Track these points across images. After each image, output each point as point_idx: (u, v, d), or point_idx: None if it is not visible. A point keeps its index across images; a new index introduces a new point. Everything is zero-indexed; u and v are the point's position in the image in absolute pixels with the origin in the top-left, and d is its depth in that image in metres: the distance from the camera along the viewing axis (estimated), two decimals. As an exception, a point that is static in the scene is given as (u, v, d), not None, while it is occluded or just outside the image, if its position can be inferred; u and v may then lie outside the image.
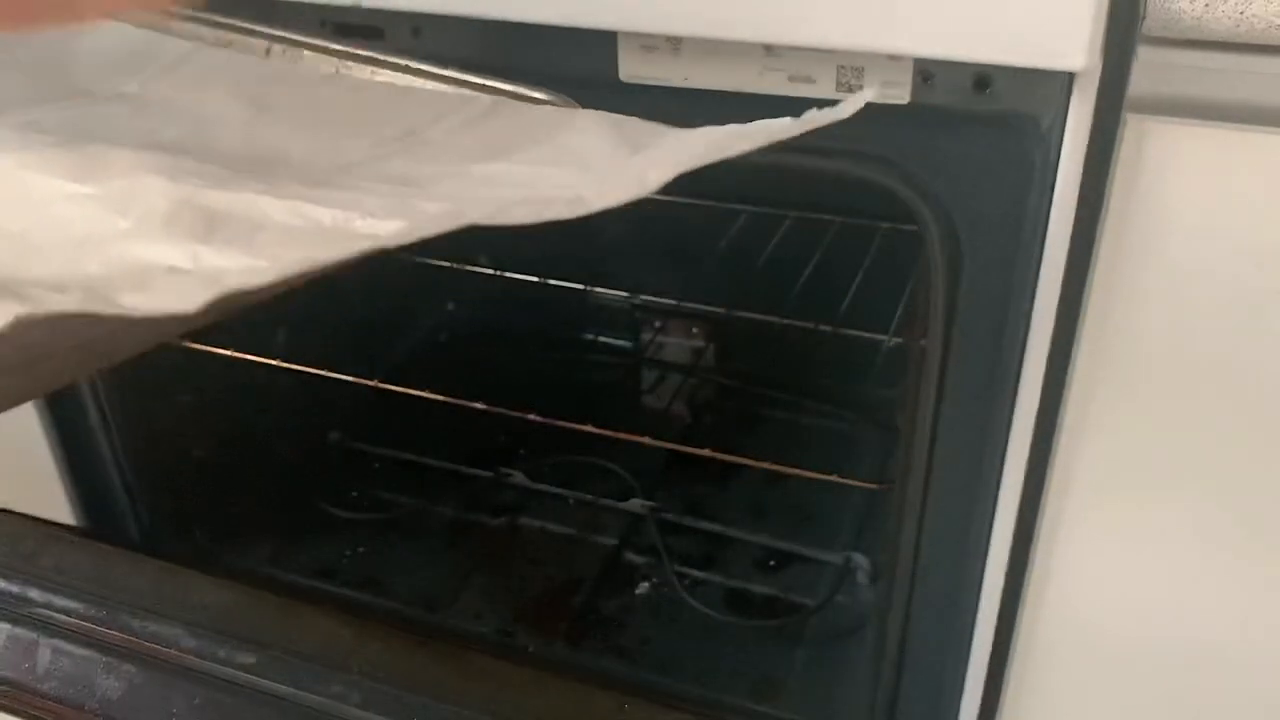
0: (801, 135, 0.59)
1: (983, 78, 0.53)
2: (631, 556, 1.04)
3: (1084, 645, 0.67)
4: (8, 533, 0.92)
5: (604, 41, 0.59)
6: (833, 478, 0.92)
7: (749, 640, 0.94)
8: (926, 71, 0.54)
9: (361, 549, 1.05)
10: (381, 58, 0.55)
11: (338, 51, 0.56)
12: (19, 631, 0.83)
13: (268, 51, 0.56)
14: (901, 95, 0.55)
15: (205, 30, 0.58)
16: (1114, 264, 0.55)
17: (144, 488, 0.99)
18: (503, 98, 0.52)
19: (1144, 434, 0.59)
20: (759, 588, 0.99)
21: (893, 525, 0.72)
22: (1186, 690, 0.66)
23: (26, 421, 0.94)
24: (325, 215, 0.39)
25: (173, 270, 0.34)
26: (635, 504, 1.06)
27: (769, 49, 0.56)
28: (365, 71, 0.56)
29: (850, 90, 0.56)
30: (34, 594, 0.85)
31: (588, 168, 0.44)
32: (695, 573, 1.01)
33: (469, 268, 1.23)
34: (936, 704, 0.75)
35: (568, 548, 1.05)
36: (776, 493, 1.08)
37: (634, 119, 0.48)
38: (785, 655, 0.93)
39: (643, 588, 1.00)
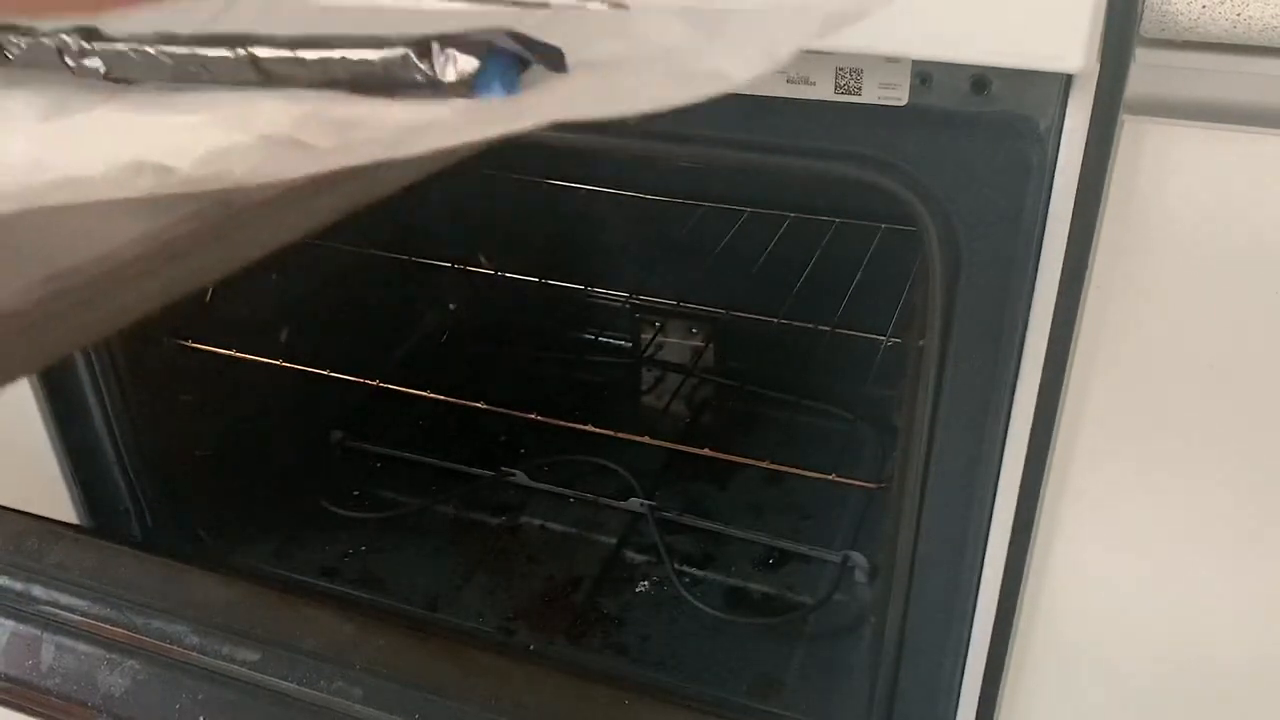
0: (800, 135, 0.59)
1: (980, 80, 0.53)
2: (631, 555, 1.04)
3: (1081, 643, 0.68)
4: (12, 531, 0.92)
5: (605, 43, 0.59)
6: (831, 477, 0.92)
7: (748, 638, 0.94)
8: (925, 73, 0.54)
9: (363, 547, 1.06)
10: None
11: None
12: (23, 628, 0.84)
13: None
14: (900, 97, 0.55)
15: None
16: (1111, 264, 0.55)
17: (147, 486, 0.99)
18: (552, 10, 0.51)
19: (1142, 434, 0.59)
20: (758, 586, 1.00)
21: (891, 524, 0.72)
22: (1183, 690, 0.67)
23: (30, 421, 0.94)
24: (448, 112, 0.37)
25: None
26: (635, 503, 1.06)
27: (769, 51, 0.56)
28: None
29: (849, 92, 0.56)
30: (38, 591, 0.85)
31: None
32: (695, 571, 1.01)
33: (469, 268, 1.23)
34: (934, 701, 0.75)
35: (568, 546, 1.05)
36: (775, 492, 1.08)
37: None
38: (784, 653, 0.93)
39: (643, 586, 1.01)
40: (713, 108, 0.61)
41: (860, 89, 0.56)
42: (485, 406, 1.04)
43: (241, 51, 0.44)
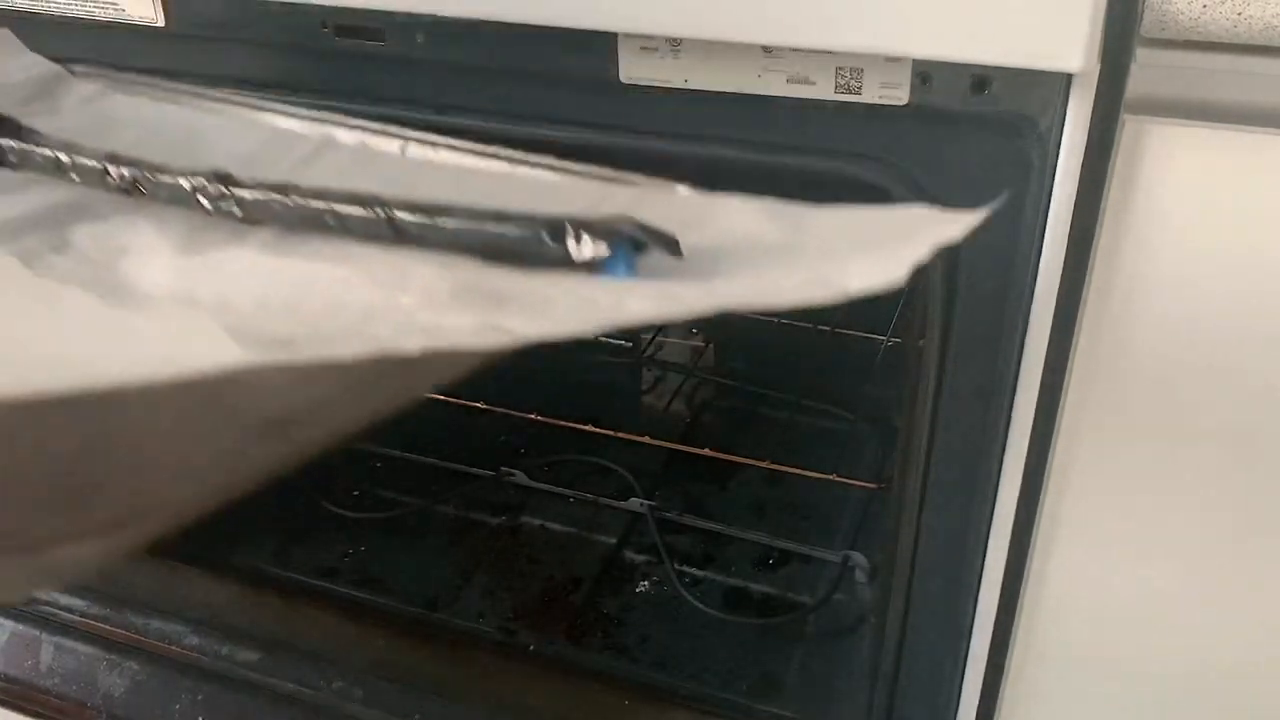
0: (800, 134, 0.59)
1: (981, 79, 0.53)
2: (631, 555, 1.04)
3: (1082, 644, 0.67)
4: (10, 531, 0.92)
5: (604, 43, 0.59)
6: (831, 477, 0.92)
7: (748, 638, 0.94)
8: (925, 73, 0.54)
9: (363, 548, 1.05)
10: (490, 150, 0.61)
11: (453, 145, 0.62)
12: (22, 629, 0.84)
13: (403, 150, 0.64)
14: (900, 96, 0.55)
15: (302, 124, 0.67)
16: (1111, 265, 0.55)
17: (146, 486, 0.99)
18: (640, 189, 0.57)
19: (1142, 434, 0.59)
20: (758, 586, 1.00)
21: (891, 524, 0.72)
22: (1183, 692, 0.67)
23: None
24: (601, 294, 0.44)
25: (485, 326, 0.42)
26: (635, 503, 1.06)
27: (768, 50, 0.56)
28: (474, 159, 0.62)
29: (849, 91, 0.56)
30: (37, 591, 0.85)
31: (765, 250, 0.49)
32: (695, 571, 1.01)
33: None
34: (935, 702, 0.75)
35: (568, 546, 1.05)
36: (775, 492, 1.08)
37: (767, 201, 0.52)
38: (784, 653, 0.93)
39: (643, 586, 1.01)
40: (713, 107, 0.61)
41: (860, 88, 0.56)
42: (485, 406, 1.04)
43: (380, 211, 0.51)
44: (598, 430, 1.01)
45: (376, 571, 1.02)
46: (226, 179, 0.55)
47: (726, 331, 1.21)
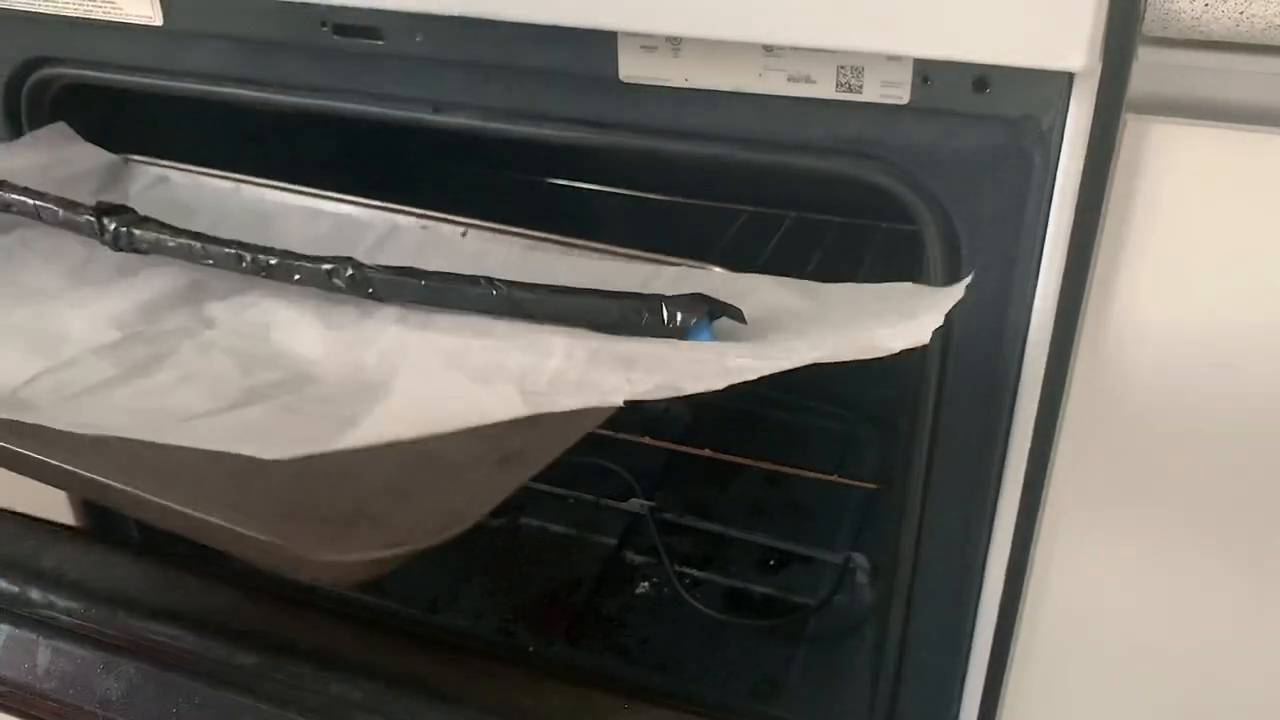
0: (801, 133, 0.59)
1: (982, 78, 0.53)
2: (631, 556, 1.04)
3: (1083, 646, 0.67)
4: (8, 532, 0.92)
5: (604, 42, 0.59)
6: (833, 478, 0.92)
7: (749, 640, 0.94)
8: (926, 72, 0.54)
9: (362, 548, 1.05)
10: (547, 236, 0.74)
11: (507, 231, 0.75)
12: (19, 632, 0.83)
13: (464, 234, 0.77)
14: (901, 95, 0.55)
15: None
16: (1113, 264, 0.55)
17: (144, 488, 0.99)
18: (681, 269, 0.69)
19: (1142, 435, 0.59)
20: (759, 587, 1.00)
21: (892, 525, 0.72)
22: (1183, 693, 0.66)
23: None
24: (705, 354, 0.56)
25: (625, 381, 0.55)
26: (635, 504, 1.06)
27: (769, 49, 0.56)
28: (528, 244, 0.75)
29: (850, 90, 0.56)
30: (34, 594, 0.85)
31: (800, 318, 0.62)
32: (695, 572, 1.01)
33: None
34: (936, 704, 0.75)
35: (568, 547, 1.05)
36: (776, 493, 1.08)
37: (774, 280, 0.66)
38: (785, 655, 0.93)
39: (643, 587, 1.01)
40: (713, 106, 0.61)
41: (861, 87, 0.56)
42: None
43: (502, 289, 0.63)
44: (597, 430, 1.00)
45: (376, 572, 1.02)
46: (357, 264, 0.66)
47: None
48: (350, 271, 0.66)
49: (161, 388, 0.61)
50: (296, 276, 0.68)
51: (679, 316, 0.57)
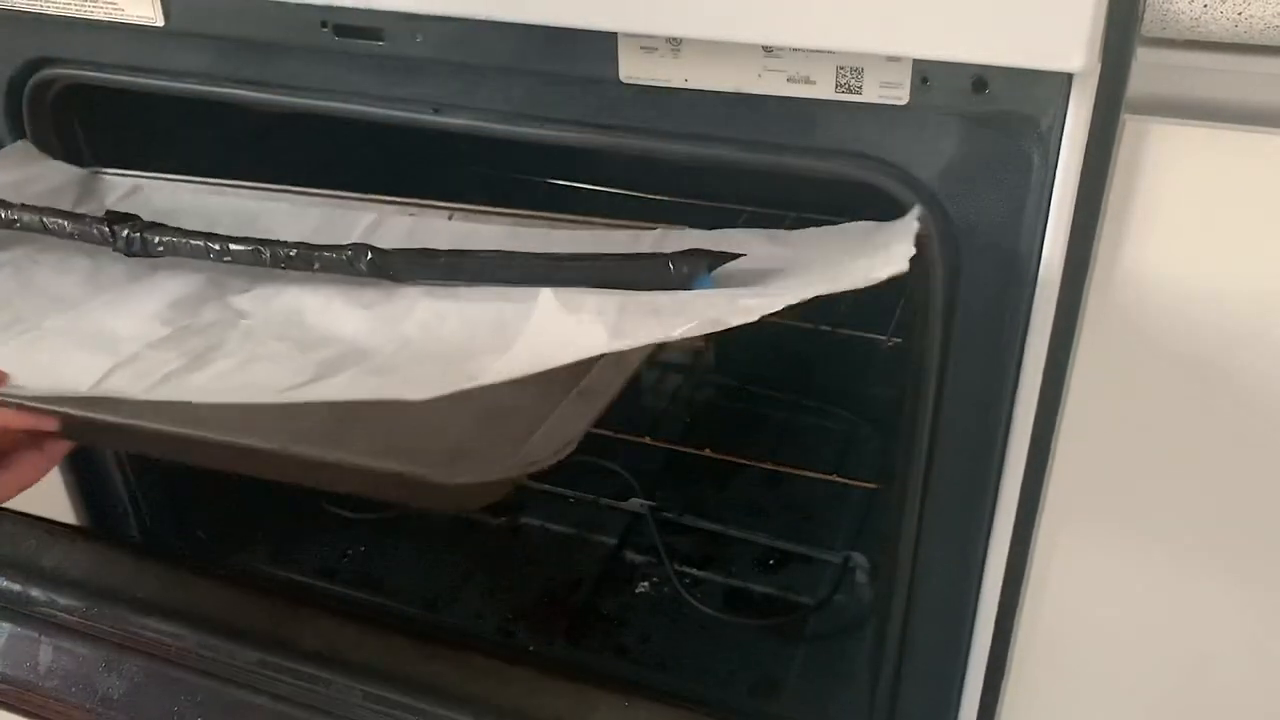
0: (801, 134, 0.59)
1: (981, 79, 0.53)
2: (631, 556, 1.04)
3: (1083, 644, 0.67)
4: (9, 531, 0.92)
5: (604, 42, 0.59)
6: (832, 477, 0.92)
7: (748, 639, 0.94)
8: (925, 73, 0.54)
9: (362, 548, 1.05)
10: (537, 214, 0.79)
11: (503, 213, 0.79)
12: (20, 630, 0.83)
13: (450, 217, 0.81)
14: (900, 96, 0.55)
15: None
16: (1112, 264, 0.55)
17: (145, 487, 0.99)
18: (662, 231, 0.74)
19: (1142, 434, 0.59)
20: (758, 587, 1.00)
21: (892, 525, 0.72)
22: (1183, 691, 0.66)
23: (28, 421, 0.94)
24: (719, 299, 0.62)
25: (660, 326, 0.59)
26: (635, 503, 1.06)
27: (768, 50, 0.56)
28: (513, 223, 0.79)
29: (850, 91, 0.56)
30: (35, 593, 0.85)
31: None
32: (695, 572, 1.01)
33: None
34: (935, 702, 0.75)
35: (568, 547, 1.05)
36: (776, 492, 1.08)
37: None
38: (785, 654, 0.93)
39: (643, 587, 1.01)
40: (713, 107, 0.61)
41: (861, 88, 0.56)
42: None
43: (519, 259, 0.68)
44: (598, 430, 1.00)
45: (376, 571, 1.02)
46: (374, 248, 0.70)
47: (726, 331, 1.21)
48: (370, 255, 0.70)
49: (234, 369, 0.66)
50: (317, 265, 0.72)
51: (685, 269, 0.63)
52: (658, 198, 1.23)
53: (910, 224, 0.58)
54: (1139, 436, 0.59)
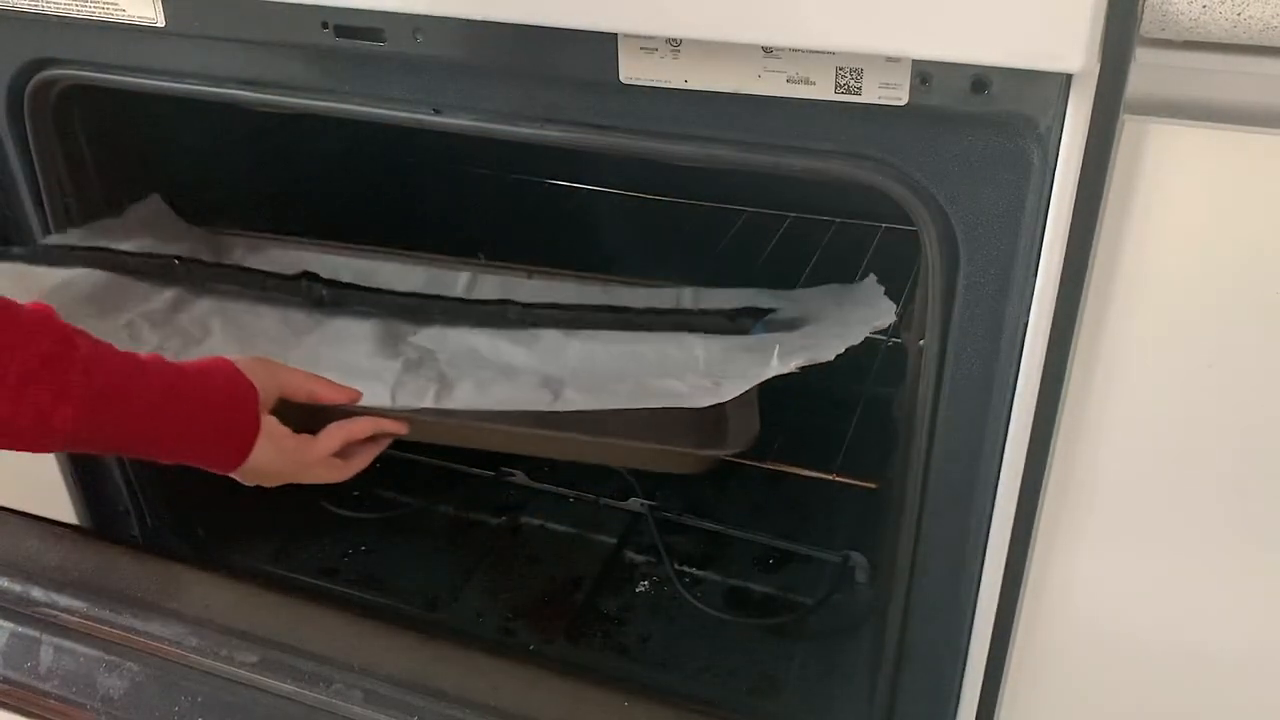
0: (800, 134, 0.59)
1: (980, 79, 0.53)
2: (631, 555, 1.04)
3: (1082, 642, 0.67)
4: (10, 532, 0.92)
5: (605, 43, 0.59)
6: (832, 477, 0.92)
7: (748, 638, 0.94)
8: (925, 73, 0.54)
9: (363, 548, 1.05)
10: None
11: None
12: (22, 630, 0.84)
13: (529, 276, 1.03)
14: (899, 97, 0.55)
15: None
16: (1111, 264, 0.55)
17: (146, 487, 0.99)
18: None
19: (1140, 434, 0.59)
20: (758, 586, 1.00)
21: (891, 524, 0.72)
22: (1182, 689, 0.67)
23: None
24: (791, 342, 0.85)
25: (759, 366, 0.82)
26: (635, 503, 1.06)
27: (768, 51, 0.56)
28: (578, 282, 1.02)
29: (849, 92, 0.56)
30: (36, 593, 0.85)
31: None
32: (695, 571, 1.01)
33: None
34: (935, 701, 0.75)
35: (568, 546, 1.05)
36: (776, 492, 1.08)
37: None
38: (784, 653, 0.93)
39: (643, 586, 1.01)
40: (713, 107, 0.61)
41: (860, 89, 0.56)
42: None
43: (627, 312, 0.92)
44: (597, 430, 1.00)
45: (376, 571, 1.02)
46: (516, 303, 0.93)
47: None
48: (517, 308, 0.93)
49: (476, 389, 0.85)
50: (472, 317, 0.94)
51: (743, 321, 0.89)
52: (657, 197, 1.24)
53: (874, 285, 0.86)
54: (1137, 436, 0.59)
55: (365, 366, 0.88)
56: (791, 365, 0.77)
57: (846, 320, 0.84)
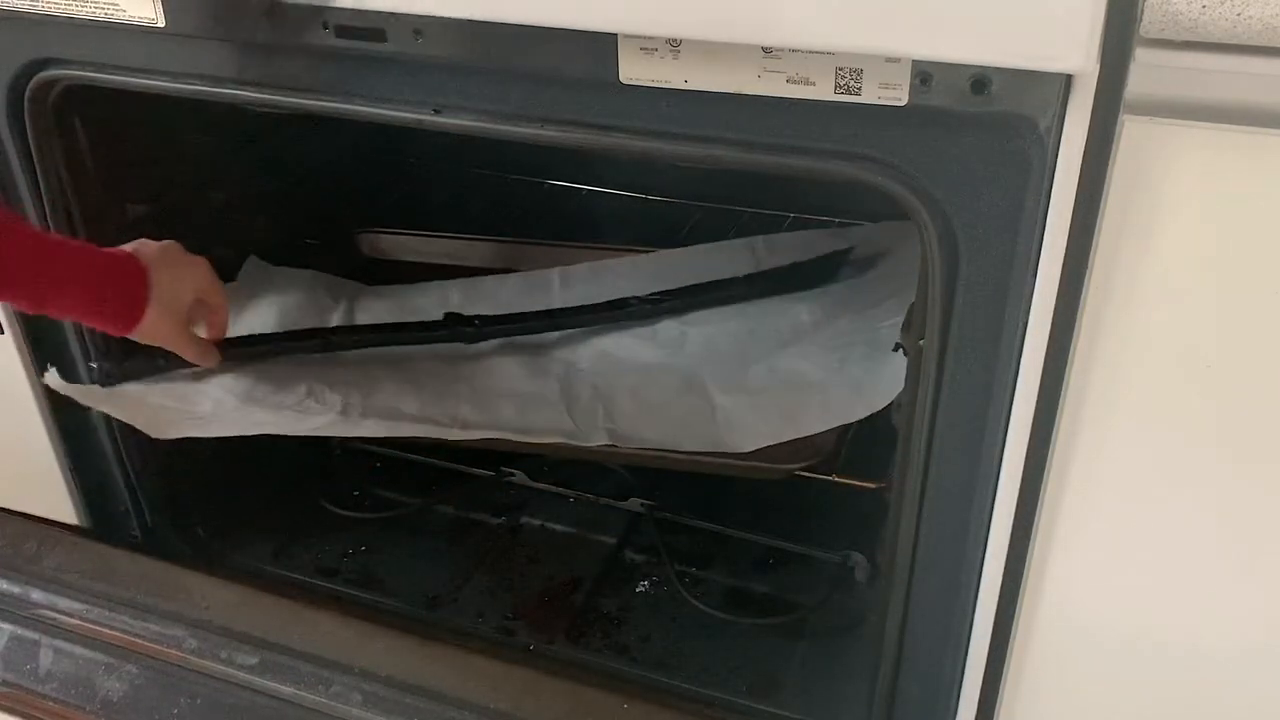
0: (800, 134, 0.59)
1: (980, 80, 0.53)
2: (631, 555, 1.04)
3: (1081, 642, 0.67)
4: (10, 533, 0.92)
5: (604, 43, 0.59)
6: (832, 477, 0.92)
7: (748, 638, 0.94)
8: (925, 73, 0.54)
9: (363, 548, 1.05)
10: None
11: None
12: (21, 632, 0.84)
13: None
14: (899, 97, 0.55)
15: None
16: (1111, 264, 0.55)
17: (146, 487, 0.99)
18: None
19: (1140, 433, 0.59)
20: (758, 586, 1.00)
21: (891, 524, 0.72)
22: (1181, 688, 0.67)
23: (31, 422, 0.94)
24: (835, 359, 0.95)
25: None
26: (635, 503, 1.06)
27: (768, 51, 0.56)
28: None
29: (849, 92, 0.56)
30: (36, 595, 0.85)
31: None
32: (695, 571, 1.01)
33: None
34: (934, 701, 0.75)
35: (568, 546, 1.05)
36: (775, 492, 1.08)
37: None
38: (784, 653, 0.93)
39: (642, 586, 1.01)
40: (712, 108, 0.61)
41: (860, 89, 0.56)
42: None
43: (736, 284, 1.03)
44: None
45: (376, 571, 1.02)
46: (630, 299, 1.03)
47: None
48: (632, 307, 1.02)
49: (635, 391, 0.94)
50: (599, 321, 1.03)
51: (835, 267, 1.01)
52: (657, 198, 1.24)
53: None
54: (1137, 435, 0.59)
55: (529, 391, 0.95)
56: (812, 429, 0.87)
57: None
